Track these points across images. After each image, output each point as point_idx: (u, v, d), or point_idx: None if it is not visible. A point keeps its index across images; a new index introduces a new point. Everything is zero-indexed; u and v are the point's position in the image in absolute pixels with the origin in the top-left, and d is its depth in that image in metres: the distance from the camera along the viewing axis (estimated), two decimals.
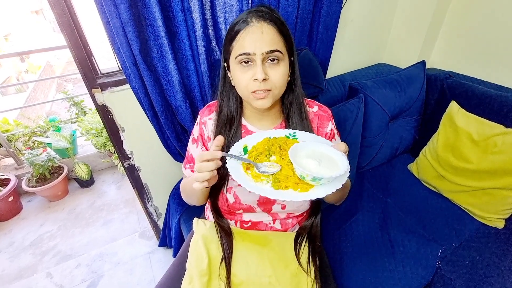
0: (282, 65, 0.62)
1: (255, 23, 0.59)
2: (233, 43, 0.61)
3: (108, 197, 2.03)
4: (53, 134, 1.97)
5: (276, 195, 0.53)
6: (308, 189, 0.55)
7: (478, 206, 1.08)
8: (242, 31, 0.60)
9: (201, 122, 0.77)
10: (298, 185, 0.56)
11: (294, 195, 0.53)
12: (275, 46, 0.60)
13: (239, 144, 0.63)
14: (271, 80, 0.62)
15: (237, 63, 0.62)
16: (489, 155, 1.00)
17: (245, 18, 0.60)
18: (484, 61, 1.30)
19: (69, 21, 0.88)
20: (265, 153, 0.60)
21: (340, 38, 1.33)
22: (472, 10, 1.28)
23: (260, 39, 0.59)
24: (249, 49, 0.59)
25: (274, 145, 0.62)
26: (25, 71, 9.27)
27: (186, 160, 0.82)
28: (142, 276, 1.43)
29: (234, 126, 0.73)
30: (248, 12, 0.61)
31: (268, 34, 0.59)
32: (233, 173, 0.55)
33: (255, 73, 0.60)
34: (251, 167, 0.59)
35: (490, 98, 1.08)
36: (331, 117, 0.78)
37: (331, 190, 0.52)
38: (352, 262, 0.96)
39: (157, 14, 0.81)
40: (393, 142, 1.35)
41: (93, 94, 1.01)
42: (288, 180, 0.56)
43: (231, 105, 0.73)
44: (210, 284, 0.74)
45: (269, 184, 0.56)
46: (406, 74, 1.29)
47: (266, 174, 0.57)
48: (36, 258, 1.58)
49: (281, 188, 0.55)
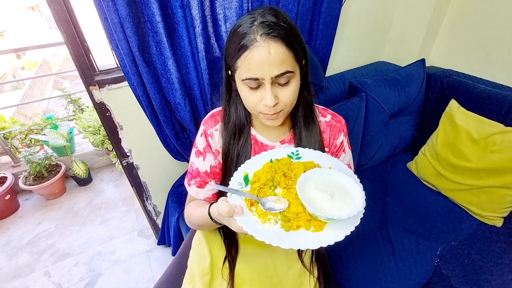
0: (293, 82, 0.57)
1: (261, 43, 0.51)
2: (238, 61, 0.55)
3: (106, 195, 2.02)
4: (50, 132, 1.95)
5: (289, 243, 0.47)
6: (322, 226, 0.50)
7: (477, 204, 1.08)
8: (247, 50, 0.52)
9: (207, 134, 0.71)
10: (311, 222, 0.50)
11: (309, 239, 0.48)
12: (284, 67, 0.53)
13: (239, 174, 0.58)
14: (282, 101, 0.57)
15: (244, 84, 0.57)
16: (489, 154, 1.01)
17: (249, 32, 0.53)
18: (484, 59, 1.30)
19: (66, 17, 0.87)
20: (269, 184, 0.55)
21: (340, 35, 1.32)
22: (472, 8, 1.27)
23: (269, 62, 0.52)
24: (257, 74, 0.53)
25: (278, 172, 0.57)
26: (22, 68, 9.18)
27: (190, 176, 0.73)
28: (141, 274, 1.43)
29: (243, 136, 0.69)
30: (252, 20, 0.53)
31: (276, 55, 0.52)
32: (238, 218, 0.50)
33: (264, 98, 0.56)
34: (256, 203, 0.53)
35: (489, 96, 1.08)
36: (344, 128, 0.74)
37: (349, 230, 0.48)
38: (352, 260, 0.96)
39: (156, 10, 0.79)
40: (392, 141, 1.35)
41: (90, 92, 1.00)
42: (299, 218, 0.51)
43: (239, 113, 0.67)
44: (212, 283, 0.73)
45: (278, 224, 0.51)
46: (405, 72, 1.28)
47: (273, 211, 0.51)
48: (34, 257, 1.57)
49: (292, 229, 0.50)
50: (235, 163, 0.68)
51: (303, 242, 0.47)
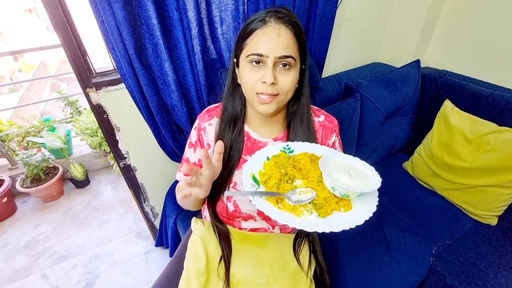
0: (293, 71, 0.61)
1: (273, 24, 0.57)
2: (247, 40, 0.59)
3: (104, 197, 2.01)
4: (47, 134, 1.95)
5: (336, 226, 0.47)
6: (350, 205, 0.52)
7: (472, 203, 1.09)
8: (258, 30, 0.58)
9: (200, 127, 0.75)
10: (339, 204, 0.52)
11: (349, 218, 0.49)
12: (289, 51, 0.58)
13: (246, 177, 0.57)
14: (279, 85, 0.60)
15: (247, 61, 0.60)
16: (483, 153, 1.02)
17: (263, 17, 0.58)
18: (478, 60, 1.32)
19: (62, 20, 0.87)
20: (285, 179, 0.55)
21: (335, 37, 1.34)
22: (467, 9, 1.29)
23: (276, 42, 0.56)
24: (263, 50, 0.57)
25: (287, 166, 0.57)
26: (19, 71, 9.14)
27: (182, 165, 0.80)
28: (139, 276, 1.43)
29: (237, 127, 0.72)
30: (266, 11, 0.59)
31: (284, 38, 0.57)
32: (273, 216, 0.49)
33: (264, 75, 0.59)
34: (280, 200, 0.53)
35: (483, 97, 1.09)
36: (336, 128, 0.76)
37: (376, 201, 0.50)
38: (348, 259, 0.97)
39: (152, 12, 0.80)
40: (388, 141, 1.36)
41: (87, 94, 1.00)
42: (329, 202, 0.51)
43: (236, 104, 0.71)
44: (208, 283, 0.73)
45: (314, 214, 0.51)
46: (401, 73, 1.30)
47: (301, 203, 0.51)
48: (31, 259, 1.56)
49: (327, 214, 0.50)
50: (228, 154, 0.71)
51: (346, 222, 0.48)
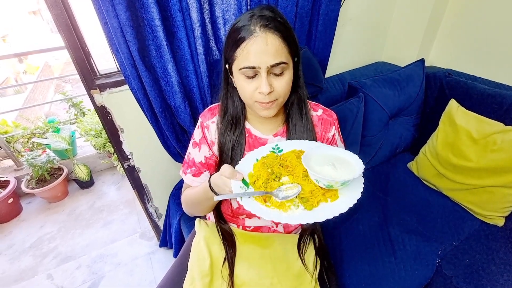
0: (287, 74, 0.61)
1: (259, 33, 0.56)
2: (237, 52, 0.58)
3: (108, 198, 2.02)
4: (52, 135, 1.96)
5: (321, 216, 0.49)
6: (337, 195, 0.53)
7: (478, 204, 1.08)
8: (246, 41, 0.56)
9: (203, 125, 0.75)
10: (326, 195, 0.53)
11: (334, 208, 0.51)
12: (279, 58, 0.57)
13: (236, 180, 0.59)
14: (276, 91, 0.61)
15: (241, 73, 0.60)
16: (489, 153, 1.00)
17: (248, 24, 0.57)
18: (483, 59, 1.30)
19: (66, 22, 0.88)
20: (272, 177, 0.57)
21: (339, 36, 1.33)
22: (471, 7, 1.27)
23: (265, 51, 0.56)
24: (254, 62, 0.57)
25: (274, 165, 0.59)
26: (23, 72, 9.23)
27: (186, 165, 0.78)
28: (143, 276, 1.43)
29: (239, 127, 0.72)
30: (251, 15, 0.58)
31: (273, 45, 0.56)
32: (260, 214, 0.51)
33: (260, 86, 0.59)
34: (268, 198, 0.55)
35: (489, 96, 1.08)
36: (335, 121, 0.77)
37: (361, 188, 0.52)
38: (353, 261, 0.96)
39: (155, 14, 0.80)
40: (392, 141, 1.35)
41: (91, 95, 1.01)
42: (315, 194, 0.53)
43: (236, 105, 0.71)
44: (212, 285, 0.73)
45: (300, 207, 0.53)
46: (405, 72, 1.29)
47: (288, 199, 0.53)
48: (37, 260, 1.57)
49: (314, 206, 0.52)
50: (230, 155, 0.72)
51: (330, 211, 0.50)
